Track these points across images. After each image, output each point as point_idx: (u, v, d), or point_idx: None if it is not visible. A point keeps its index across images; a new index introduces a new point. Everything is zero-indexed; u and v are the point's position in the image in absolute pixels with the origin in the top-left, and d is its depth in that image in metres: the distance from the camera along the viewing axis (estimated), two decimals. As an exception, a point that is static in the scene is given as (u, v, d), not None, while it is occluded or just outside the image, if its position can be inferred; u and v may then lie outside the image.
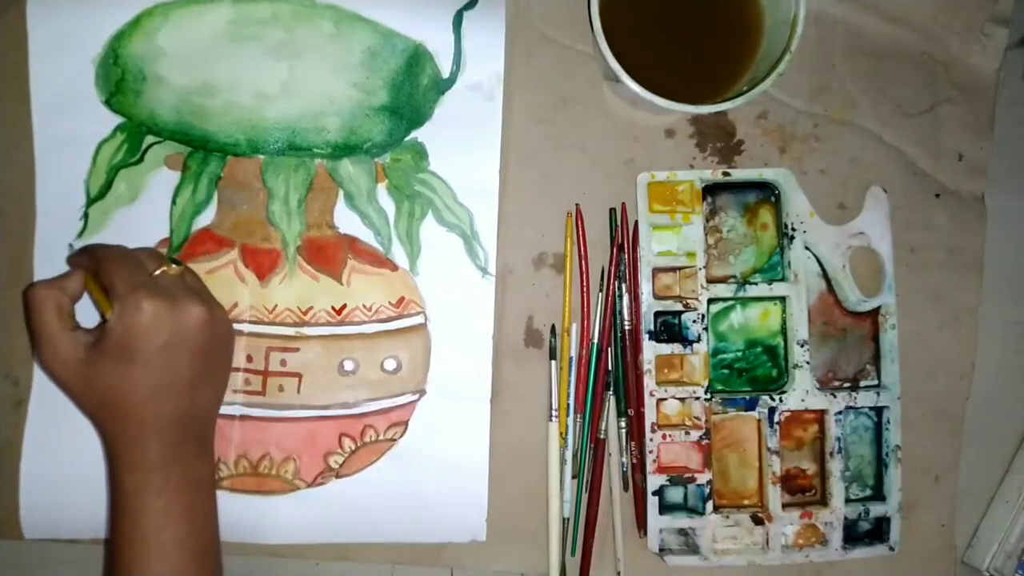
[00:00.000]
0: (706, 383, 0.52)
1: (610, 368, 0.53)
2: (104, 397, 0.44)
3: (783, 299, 0.53)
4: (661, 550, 0.52)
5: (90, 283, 0.46)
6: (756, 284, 0.53)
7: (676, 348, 0.52)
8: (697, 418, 0.52)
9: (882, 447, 0.54)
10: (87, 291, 0.46)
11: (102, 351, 0.43)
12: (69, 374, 0.44)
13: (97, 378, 0.44)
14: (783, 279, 0.53)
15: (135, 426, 0.44)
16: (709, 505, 0.52)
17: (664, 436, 0.52)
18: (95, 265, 0.46)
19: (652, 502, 0.52)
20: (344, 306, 0.53)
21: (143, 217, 0.52)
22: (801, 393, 0.53)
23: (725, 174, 0.53)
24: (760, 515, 0.53)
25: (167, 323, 0.43)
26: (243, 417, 0.52)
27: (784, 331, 0.54)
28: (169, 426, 0.44)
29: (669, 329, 0.53)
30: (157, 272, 0.46)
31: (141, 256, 0.47)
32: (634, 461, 0.53)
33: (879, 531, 0.54)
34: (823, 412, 0.53)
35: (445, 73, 0.53)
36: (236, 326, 0.51)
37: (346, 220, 0.53)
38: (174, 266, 0.47)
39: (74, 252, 0.51)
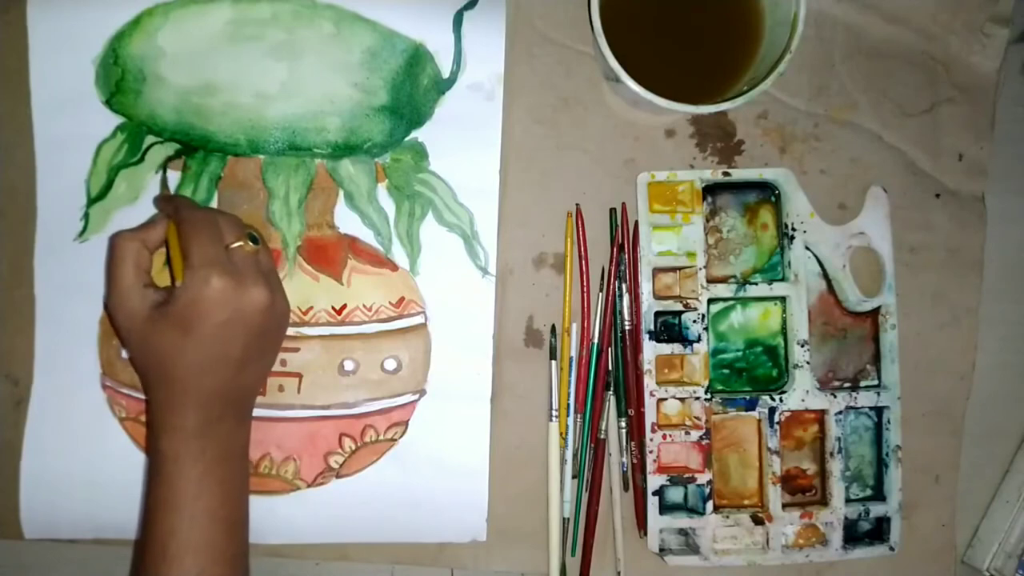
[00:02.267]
0: (706, 383, 0.52)
1: (610, 368, 0.53)
2: (156, 359, 0.45)
3: (783, 299, 0.53)
4: (661, 550, 0.52)
5: (171, 234, 0.47)
6: (756, 284, 0.53)
7: (676, 348, 0.52)
8: (697, 418, 0.52)
9: (882, 447, 0.54)
10: (167, 242, 0.47)
11: (164, 314, 0.44)
12: (131, 328, 0.45)
13: (154, 339, 0.44)
14: (783, 279, 0.53)
15: (179, 393, 0.44)
16: (709, 505, 0.52)
17: (664, 436, 0.52)
18: (177, 220, 0.46)
19: (652, 502, 0.52)
20: (344, 306, 0.53)
21: (144, 217, 0.52)
22: (801, 393, 0.53)
23: (725, 174, 0.53)
24: (760, 515, 0.53)
25: (230, 302, 0.44)
26: (243, 417, 0.52)
27: (784, 331, 0.54)
28: (212, 398, 0.45)
29: (669, 329, 0.53)
30: (234, 245, 0.46)
31: (223, 224, 0.47)
32: (634, 461, 0.53)
33: (879, 531, 0.54)
34: (823, 412, 0.53)
35: (445, 73, 0.53)
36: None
37: (346, 220, 0.53)
38: (251, 243, 0.47)
39: (162, 196, 0.52)
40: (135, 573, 0.46)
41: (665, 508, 0.52)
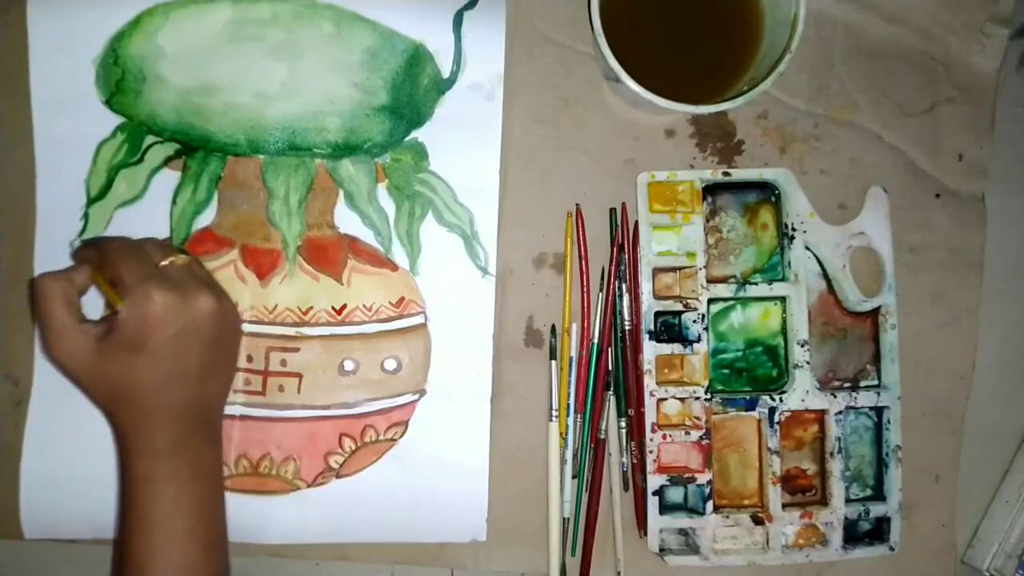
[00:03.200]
0: (706, 383, 0.52)
1: (610, 368, 0.53)
2: (114, 388, 0.44)
3: (783, 299, 0.53)
4: (661, 550, 0.52)
5: (97, 277, 0.46)
6: (756, 284, 0.53)
7: (676, 348, 0.52)
8: (697, 418, 0.52)
9: (882, 447, 0.54)
10: (95, 284, 0.46)
11: (112, 342, 0.43)
12: (78, 366, 0.44)
13: (107, 369, 0.44)
14: (783, 279, 0.53)
15: (145, 415, 0.44)
16: (709, 505, 0.52)
17: (664, 436, 0.52)
18: (101, 258, 0.46)
19: (652, 502, 0.52)
20: (344, 306, 0.53)
21: (143, 217, 0.52)
22: (801, 393, 0.53)
23: (725, 174, 0.53)
24: (760, 515, 0.53)
25: (178, 314, 0.43)
26: (243, 417, 0.52)
27: (784, 331, 0.54)
28: (179, 415, 0.44)
29: (669, 329, 0.53)
30: (164, 263, 0.46)
31: (147, 246, 0.47)
32: (634, 461, 0.53)
33: (879, 531, 0.54)
34: (823, 412, 0.53)
35: (445, 73, 0.53)
36: (236, 326, 0.51)
37: (346, 220, 0.53)
38: (181, 256, 0.47)
39: (78, 246, 0.51)
40: None
41: (665, 508, 0.52)
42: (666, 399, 0.52)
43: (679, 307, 0.52)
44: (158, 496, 0.44)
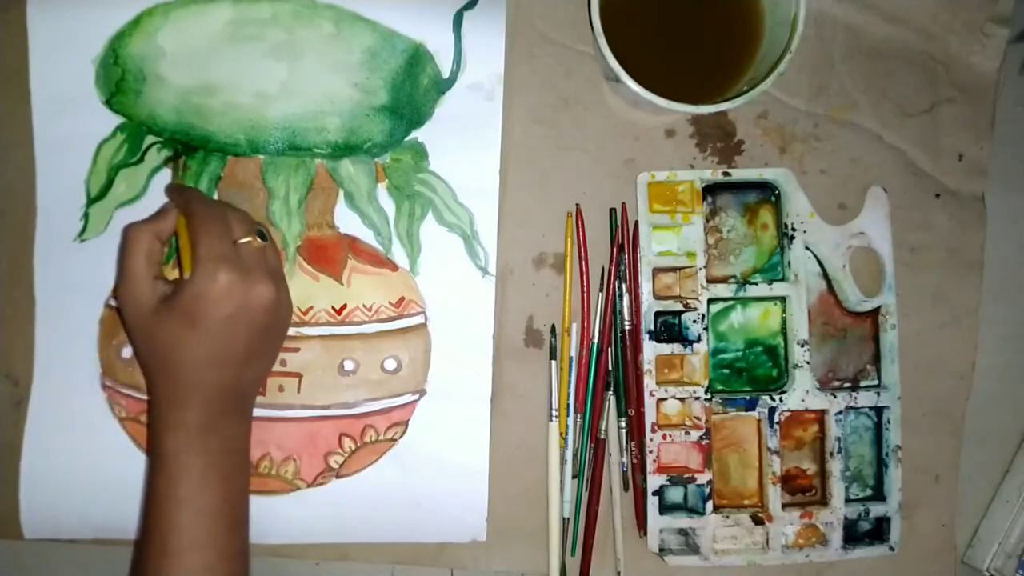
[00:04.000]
0: (706, 383, 0.52)
1: (610, 368, 0.53)
2: (160, 351, 0.45)
3: (783, 299, 0.53)
4: (661, 550, 0.52)
5: (181, 227, 0.47)
6: (756, 284, 0.53)
7: (676, 348, 0.52)
8: (697, 418, 0.52)
9: (882, 447, 0.54)
10: (176, 233, 0.47)
11: (171, 306, 0.44)
12: (137, 318, 0.45)
13: (159, 331, 0.44)
14: (783, 279, 0.53)
15: (182, 388, 0.44)
16: (709, 505, 0.52)
17: (664, 436, 0.52)
18: (188, 214, 0.46)
19: (652, 502, 0.52)
20: (344, 306, 0.53)
21: (143, 217, 0.52)
22: (801, 393, 0.53)
23: (725, 174, 0.53)
24: (760, 515, 0.53)
25: (236, 297, 0.44)
26: (243, 417, 0.52)
27: (784, 331, 0.54)
28: (215, 394, 0.45)
29: (669, 329, 0.53)
30: (242, 240, 0.46)
31: (232, 218, 0.47)
32: (634, 461, 0.53)
33: (879, 531, 0.54)
34: (823, 412, 0.53)
35: (445, 73, 0.53)
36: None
37: (346, 220, 0.53)
38: (259, 240, 0.47)
39: (174, 187, 0.51)
40: (135, 570, 0.46)
41: (665, 508, 0.52)
42: (666, 399, 0.52)
43: (679, 307, 0.52)
44: (186, 471, 0.44)
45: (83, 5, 0.52)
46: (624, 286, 0.53)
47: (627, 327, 0.53)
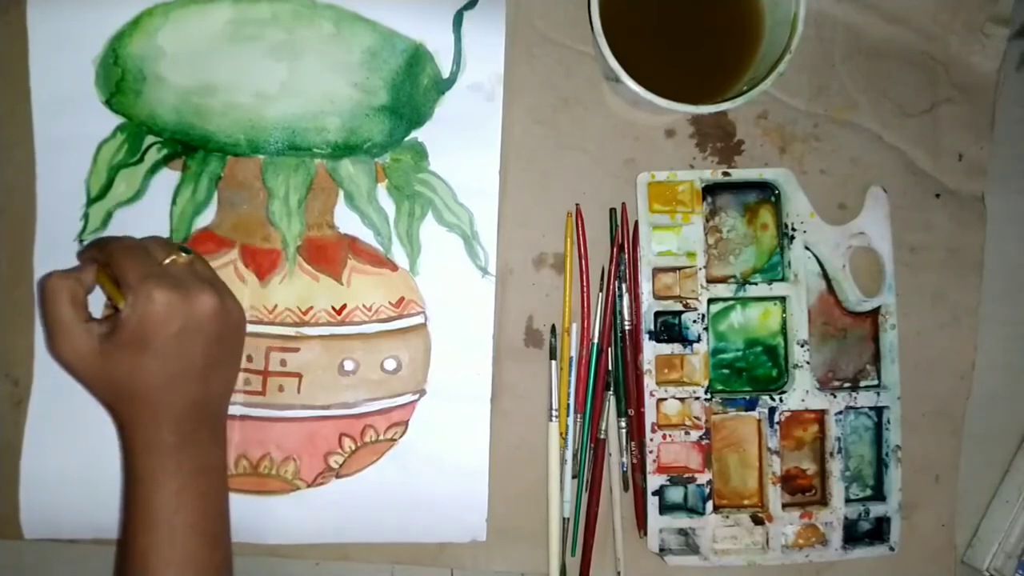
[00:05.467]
0: (706, 383, 0.52)
1: (610, 368, 0.53)
2: (119, 386, 0.44)
3: (783, 299, 0.53)
4: (661, 550, 0.52)
5: (101, 276, 0.46)
6: (756, 284, 0.53)
7: (676, 348, 0.52)
8: (697, 418, 0.52)
9: (882, 447, 0.54)
10: (99, 284, 0.47)
11: (116, 341, 0.43)
12: (83, 364, 0.44)
13: (111, 368, 0.44)
14: (783, 279, 0.53)
15: (149, 412, 0.44)
16: (709, 505, 0.52)
17: (664, 436, 0.52)
18: (105, 257, 0.46)
19: (652, 502, 0.52)
20: (344, 306, 0.53)
21: (143, 217, 0.52)
22: (801, 393, 0.53)
23: (725, 174, 0.53)
24: (760, 515, 0.53)
25: (179, 312, 0.43)
26: (243, 417, 0.52)
27: (784, 331, 0.54)
28: (183, 412, 0.45)
29: (669, 329, 0.53)
30: (167, 261, 0.46)
31: (150, 245, 0.47)
32: (634, 461, 0.53)
33: (879, 531, 0.54)
34: (823, 412, 0.53)
35: (445, 73, 0.53)
36: (236, 326, 0.51)
37: (346, 220, 0.53)
38: (183, 255, 0.47)
39: (84, 246, 0.51)
40: None
41: (665, 508, 0.52)
42: (666, 399, 0.52)
43: (679, 307, 0.52)
44: (161, 492, 0.44)
45: (83, 5, 0.52)
46: (624, 286, 0.53)
47: (627, 327, 0.53)
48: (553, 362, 0.53)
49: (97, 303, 0.50)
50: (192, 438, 0.45)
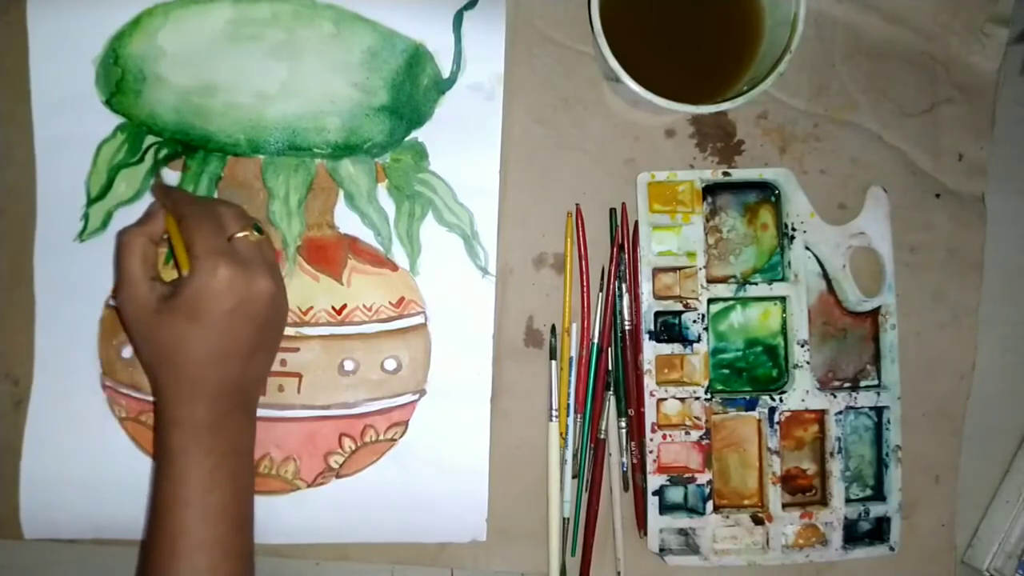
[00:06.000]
0: (706, 383, 0.52)
1: (610, 368, 0.53)
2: (165, 350, 0.45)
3: (783, 299, 0.53)
4: (661, 550, 0.52)
5: (171, 227, 0.47)
6: (756, 284, 0.53)
7: (676, 348, 0.52)
8: (697, 418, 0.52)
9: (882, 447, 0.54)
10: (167, 235, 0.48)
11: (172, 305, 0.44)
12: (138, 320, 0.45)
13: (162, 330, 0.44)
14: (783, 279, 0.53)
15: (188, 385, 0.44)
16: (709, 505, 0.52)
17: (664, 436, 0.52)
18: (178, 214, 0.47)
19: (652, 502, 0.52)
20: (344, 306, 0.53)
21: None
22: (801, 393, 0.53)
23: (725, 174, 0.53)
24: (760, 515, 0.53)
25: (237, 291, 0.44)
26: (243, 417, 0.52)
27: (784, 331, 0.54)
28: (221, 391, 0.45)
29: (669, 329, 0.53)
30: (239, 235, 0.46)
31: (225, 213, 0.47)
32: (634, 461, 0.53)
33: (879, 531, 0.54)
34: (823, 412, 0.53)
35: (445, 73, 0.53)
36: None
37: (346, 220, 0.53)
38: (255, 233, 0.47)
39: (158, 188, 0.51)
40: (142, 572, 0.46)
41: (665, 508, 0.52)
42: (666, 399, 0.52)
43: (679, 307, 0.52)
44: (195, 469, 0.44)
45: (83, 5, 0.52)
46: (624, 286, 0.53)
47: (627, 327, 0.53)
48: (553, 362, 0.53)
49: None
50: (227, 418, 0.45)
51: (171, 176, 0.53)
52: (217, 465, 0.44)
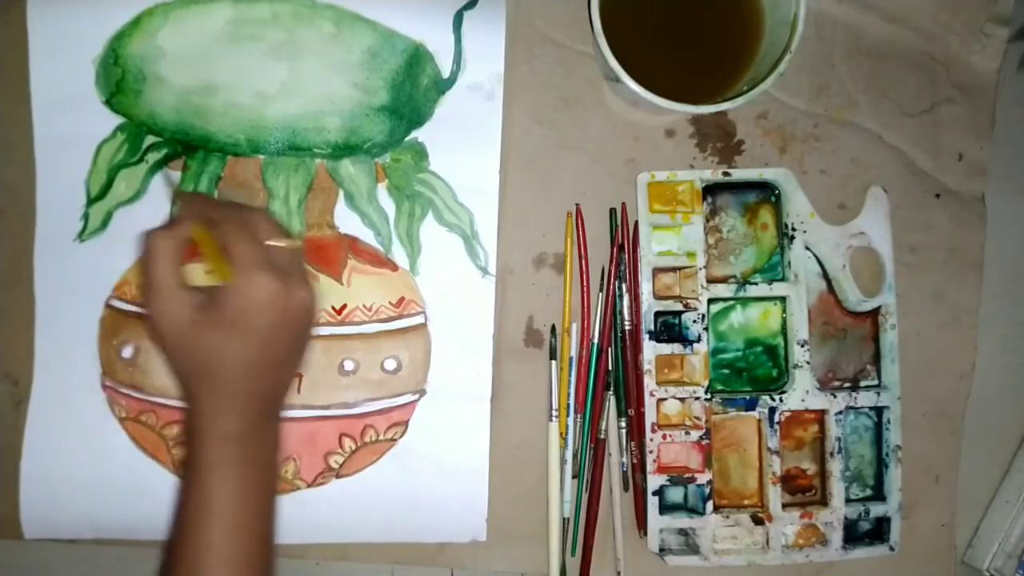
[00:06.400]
0: (706, 383, 0.52)
1: (610, 368, 0.53)
2: (200, 362, 0.43)
3: (783, 299, 0.53)
4: (661, 550, 0.52)
5: (202, 235, 0.44)
6: (756, 284, 0.53)
7: (676, 348, 0.52)
8: (697, 418, 0.52)
9: (882, 447, 0.54)
10: (197, 242, 0.45)
11: (211, 317, 0.42)
12: (171, 330, 0.43)
13: (197, 341, 0.42)
14: (783, 279, 0.53)
15: (223, 396, 0.43)
16: (709, 505, 0.52)
17: (664, 436, 0.52)
18: (210, 221, 0.44)
19: (652, 502, 0.52)
20: (344, 306, 0.53)
21: (143, 217, 0.52)
22: (801, 393, 0.53)
23: (725, 174, 0.53)
24: (760, 515, 0.53)
25: (279, 304, 0.42)
26: (243, 417, 0.52)
27: (784, 331, 0.54)
28: (255, 403, 0.44)
29: (669, 329, 0.53)
30: (282, 244, 0.44)
31: (258, 221, 0.45)
32: (634, 461, 0.53)
33: (879, 531, 0.54)
34: (823, 412, 0.53)
35: (445, 73, 0.53)
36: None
37: (346, 220, 0.53)
38: (291, 241, 0.45)
39: (183, 196, 0.50)
40: None
41: (665, 508, 0.52)
42: (666, 399, 0.52)
43: (679, 307, 0.52)
44: (225, 483, 0.42)
45: (83, 5, 0.52)
46: (624, 286, 0.53)
47: (627, 327, 0.53)
48: (553, 362, 0.53)
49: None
50: (258, 430, 0.44)
51: (171, 176, 0.53)
52: (246, 480, 0.43)
